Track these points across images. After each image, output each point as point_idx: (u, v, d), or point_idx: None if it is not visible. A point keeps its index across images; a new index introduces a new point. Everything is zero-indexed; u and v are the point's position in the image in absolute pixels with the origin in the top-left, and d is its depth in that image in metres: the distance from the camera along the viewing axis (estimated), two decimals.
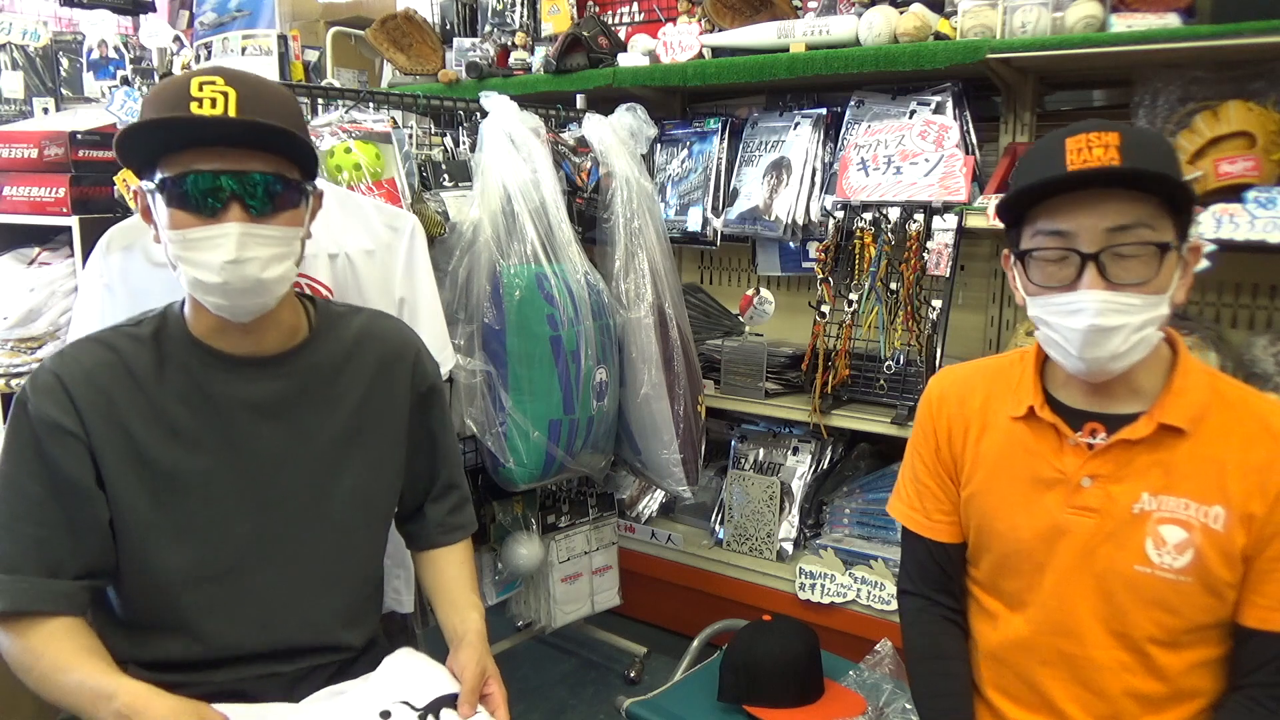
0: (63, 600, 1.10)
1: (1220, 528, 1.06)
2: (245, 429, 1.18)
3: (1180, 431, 1.08)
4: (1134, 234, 1.02)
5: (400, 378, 1.32)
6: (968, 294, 2.47)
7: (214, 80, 1.05)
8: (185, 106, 1.03)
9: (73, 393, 1.10)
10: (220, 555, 1.17)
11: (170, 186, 1.06)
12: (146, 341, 1.16)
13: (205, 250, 1.06)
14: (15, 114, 2.72)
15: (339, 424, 1.25)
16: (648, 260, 2.14)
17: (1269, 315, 2.12)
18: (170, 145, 1.06)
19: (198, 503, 1.16)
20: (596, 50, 2.67)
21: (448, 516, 1.41)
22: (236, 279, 1.07)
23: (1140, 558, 1.09)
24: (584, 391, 2.02)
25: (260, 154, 1.07)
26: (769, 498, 2.54)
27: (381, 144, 1.86)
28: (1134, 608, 1.10)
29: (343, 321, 1.29)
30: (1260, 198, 1.72)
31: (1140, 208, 1.02)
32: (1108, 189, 1.02)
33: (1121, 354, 1.04)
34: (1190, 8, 1.93)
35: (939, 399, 1.28)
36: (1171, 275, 1.04)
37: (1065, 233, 1.04)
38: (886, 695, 1.58)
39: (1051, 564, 1.14)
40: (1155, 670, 1.11)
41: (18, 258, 2.13)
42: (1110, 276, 1.02)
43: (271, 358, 1.20)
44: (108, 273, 1.51)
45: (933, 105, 2.35)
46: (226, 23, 3.19)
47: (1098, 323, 1.02)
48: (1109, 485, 1.11)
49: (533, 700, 2.42)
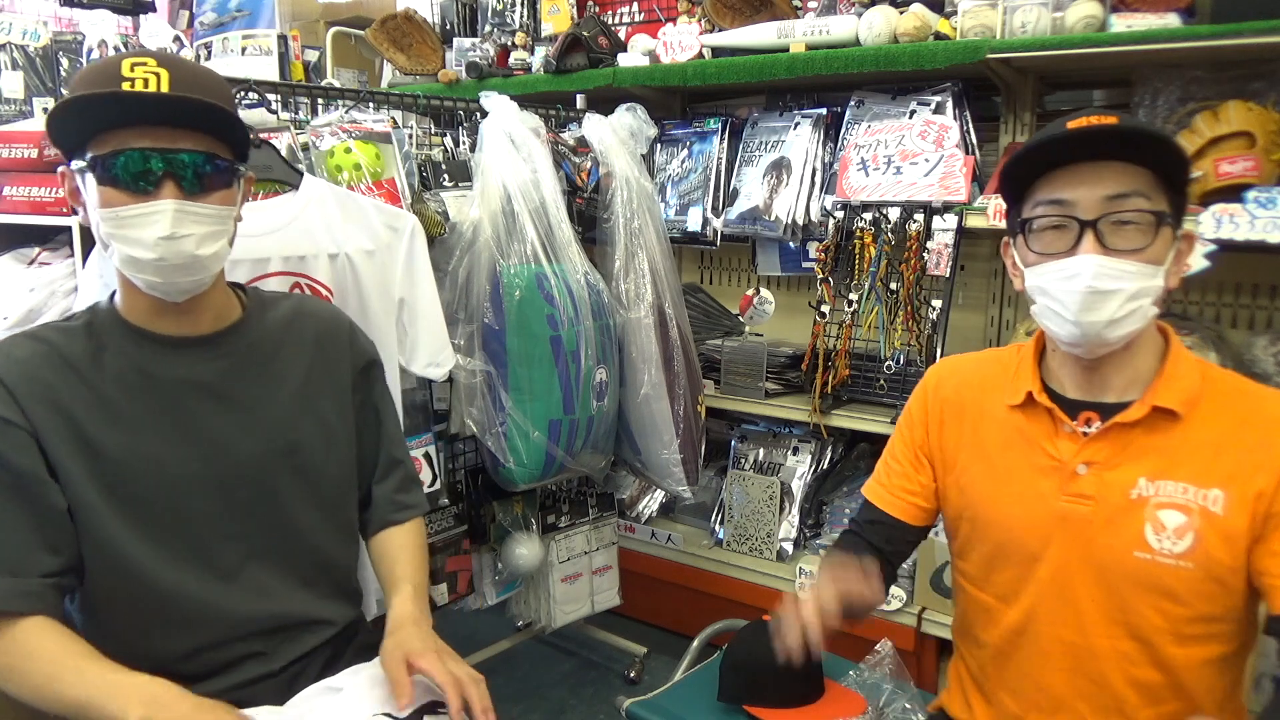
0: (33, 599, 1.07)
1: (1220, 510, 1.05)
2: (191, 409, 1.17)
3: (1174, 415, 1.09)
4: (1131, 202, 1.04)
5: (339, 352, 1.32)
6: (968, 294, 2.47)
7: (145, 61, 1.05)
8: (117, 85, 1.03)
9: (8, 383, 1.08)
10: (181, 539, 1.16)
11: (102, 165, 1.05)
12: (78, 332, 1.14)
13: (139, 227, 1.06)
14: (15, 114, 2.71)
15: (285, 399, 1.25)
16: (648, 260, 2.14)
17: (1269, 315, 2.12)
18: (101, 123, 1.05)
19: (150, 488, 1.14)
20: (596, 50, 2.67)
21: (396, 494, 1.39)
22: (172, 254, 1.06)
23: (1140, 544, 1.08)
24: (584, 391, 2.02)
25: (193, 133, 1.07)
26: (769, 498, 2.54)
27: (381, 144, 1.86)
28: (1134, 595, 1.09)
29: (273, 302, 1.30)
30: (1260, 198, 1.72)
31: (1137, 178, 1.04)
32: (1106, 162, 1.05)
33: (1117, 320, 1.05)
34: (1190, 8, 1.93)
35: (935, 386, 1.30)
36: (1166, 249, 1.06)
37: (1065, 201, 1.06)
38: (886, 695, 1.58)
39: (1048, 553, 1.14)
40: (1159, 662, 1.10)
41: (18, 258, 2.13)
42: (1108, 243, 1.04)
43: (208, 337, 1.19)
44: (107, 272, 1.51)
45: (933, 105, 2.35)
46: (226, 23, 3.19)
47: (1094, 284, 1.04)
48: (1105, 472, 1.11)
49: (533, 700, 2.42)
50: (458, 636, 2.54)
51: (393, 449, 1.40)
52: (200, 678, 1.16)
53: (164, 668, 1.10)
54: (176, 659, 1.16)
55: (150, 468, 1.14)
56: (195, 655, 1.18)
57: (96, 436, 1.11)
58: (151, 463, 1.14)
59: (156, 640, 1.16)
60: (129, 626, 1.16)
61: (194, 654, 1.18)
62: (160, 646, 1.16)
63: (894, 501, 1.31)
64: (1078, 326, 1.06)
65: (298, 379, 1.26)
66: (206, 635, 1.18)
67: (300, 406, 1.26)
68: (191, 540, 1.17)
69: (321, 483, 1.28)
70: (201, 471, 1.17)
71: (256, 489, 1.22)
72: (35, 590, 1.07)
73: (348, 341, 1.34)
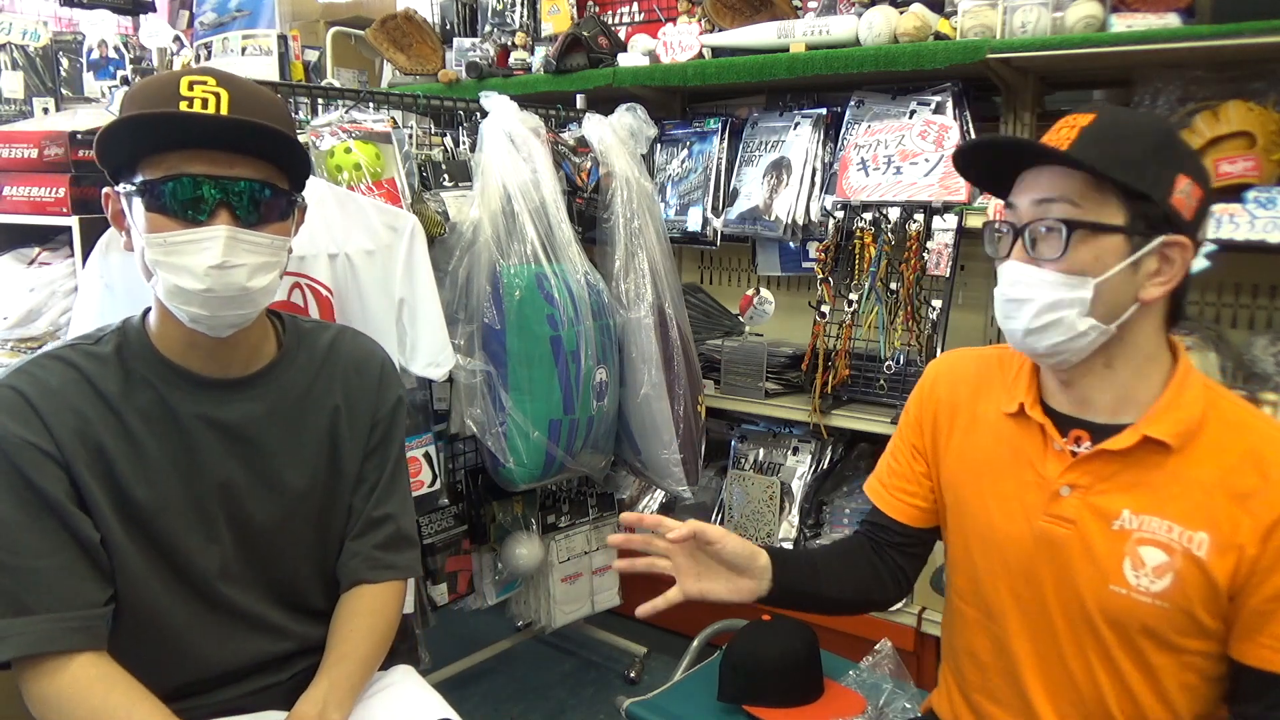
0: (81, 635, 1.02)
1: (1203, 554, 0.99)
2: (211, 451, 1.13)
3: (1166, 447, 1.02)
4: (1054, 208, 1.00)
5: (366, 398, 1.26)
6: (968, 294, 2.47)
7: (205, 80, 1.01)
8: (174, 105, 0.98)
9: (41, 410, 1.03)
10: (193, 581, 1.13)
11: (151, 190, 1.00)
12: (110, 359, 1.09)
13: (189, 254, 1.01)
14: (15, 114, 2.71)
15: (308, 448, 1.21)
16: (648, 260, 2.14)
17: (1269, 315, 2.12)
18: (156, 145, 1.00)
19: (166, 528, 1.11)
20: (596, 50, 2.67)
21: (375, 551, 1.26)
22: (221, 285, 1.02)
23: (1116, 578, 1.03)
24: (584, 391, 2.02)
25: (250, 159, 1.03)
26: (769, 498, 2.54)
27: (381, 144, 1.86)
28: (1106, 627, 1.05)
29: (311, 336, 1.25)
30: (1260, 198, 1.72)
31: (1071, 184, 0.99)
32: (1053, 166, 1.02)
33: (1034, 330, 1.02)
34: (1190, 8, 1.93)
35: (932, 383, 1.27)
36: (1102, 261, 0.99)
37: (1013, 205, 1.06)
38: (886, 695, 1.58)
39: (1027, 570, 1.11)
40: (1129, 690, 1.06)
41: (18, 258, 2.13)
42: (1035, 252, 1.02)
43: (239, 380, 1.15)
44: (107, 273, 1.52)
45: (933, 105, 2.34)
46: (226, 23, 3.19)
47: (1008, 293, 1.04)
48: (1088, 496, 1.06)
49: (533, 700, 2.42)
50: (458, 636, 2.56)
51: (388, 504, 1.28)
52: (206, 691, 1.16)
53: (172, 693, 1.10)
54: (183, 687, 1.15)
55: (168, 507, 1.11)
56: (202, 684, 1.17)
57: (123, 472, 1.07)
58: (169, 502, 1.11)
59: (164, 674, 1.13)
60: (139, 662, 1.11)
61: (200, 683, 1.16)
62: (166, 680, 1.13)
63: (893, 502, 1.28)
64: (1005, 333, 1.07)
65: (322, 426, 1.21)
66: (217, 669, 1.17)
67: (321, 455, 1.22)
68: (202, 583, 1.14)
69: (332, 528, 1.25)
70: (216, 515, 1.15)
71: (271, 536, 1.19)
72: (83, 625, 1.03)
73: (375, 386, 1.27)
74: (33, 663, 1.01)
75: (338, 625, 1.22)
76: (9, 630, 1.00)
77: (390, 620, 1.26)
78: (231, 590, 1.16)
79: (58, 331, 2.09)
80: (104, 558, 1.06)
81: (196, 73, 1.02)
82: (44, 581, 1.02)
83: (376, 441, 1.27)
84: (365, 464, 1.26)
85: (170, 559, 1.12)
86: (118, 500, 1.08)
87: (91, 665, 1.03)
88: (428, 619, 2.06)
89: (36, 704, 1.02)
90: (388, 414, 1.27)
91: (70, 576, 1.03)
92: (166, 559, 1.12)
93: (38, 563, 1.02)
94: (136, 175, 1.02)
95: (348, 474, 1.24)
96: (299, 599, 1.23)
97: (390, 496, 1.28)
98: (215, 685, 1.17)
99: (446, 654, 2.34)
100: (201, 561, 1.13)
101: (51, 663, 1.01)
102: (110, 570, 1.07)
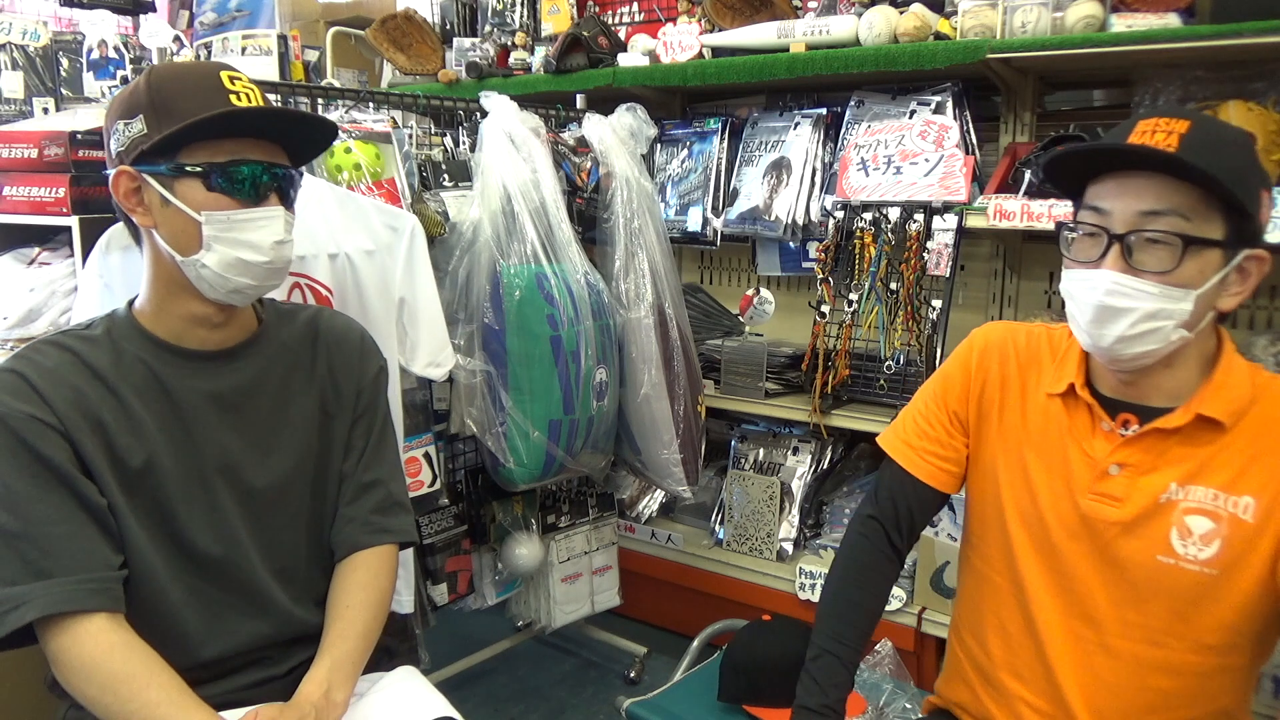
0: (100, 596, 1.06)
1: (1250, 518, 1.03)
2: (205, 423, 1.18)
3: (1219, 425, 1.05)
4: (1164, 221, 0.99)
5: (348, 368, 1.32)
6: (968, 294, 2.47)
7: (239, 76, 1.13)
8: (224, 100, 1.09)
9: (41, 390, 1.08)
10: (191, 553, 1.16)
11: (221, 172, 1.10)
12: (101, 340, 1.15)
13: (252, 230, 1.12)
14: (15, 114, 2.71)
15: (298, 416, 1.25)
16: (648, 260, 2.14)
17: (1269, 315, 2.12)
18: (209, 132, 1.09)
19: (164, 500, 1.14)
20: (596, 50, 2.67)
21: (371, 515, 1.31)
22: (279, 259, 1.15)
23: (1164, 548, 1.06)
24: (584, 391, 2.02)
25: (280, 149, 1.16)
26: (769, 498, 2.54)
27: (381, 144, 1.86)
28: (1154, 600, 1.07)
29: (290, 315, 1.31)
30: None
31: (1180, 197, 0.99)
32: (1154, 175, 1.00)
33: (1127, 338, 1.02)
34: (1190, 8, 1.93)
35: (983, 350, 1.25)
36: (1204, 274, 1.01)
37: (1103, 210, 1.04)
38: (886, 695, 1.58)
39: (1068, 546, 1.12)
40: (1173, 668, 1.08)
41: (18, 258, 2.13)
42: (1134, 260, 1.01)
43: (225, 351, 1.21)
44: (107, 272, 1.52)
45: (933, 105, 2.35)
46: (226, 23, 3.19)
47: (1106, 301, 1.02)
48: (1138, 476, 1.09)
49: (533, 700, 2.42)
50: (458, 636, 2.57)
51: (376, 469, 1.32)
52: (204, 682, 1.16)
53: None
54: (180, 670, 1.14)
55: (165, 480, 1.15)
56: (200, 667, 1.17)
57: (121, 445, 1.12)
58: (166, 475, 1.15)
59: (162, 652, 1.12)
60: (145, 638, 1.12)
61: (197, 666, 1.16)
62: (165, 658, 1.12)
63: (924, 466, 1.26)
64: (1090, 337, 1.06)
65: (311, 395, 1.27)
66: (213, 652, 1.18)
67: (310, 422, 1.27)
68: (202, 555, 1.17)
69: (327, 496, 1.29)
70: (216, 484, 1.18)
71: (268, 507, 1.22)
72: (102, 586, 1.07)
73: (357, 356, 1.33)
74: (55, 624, 1.05)
75: (335, 599, 1.26)
76: (31, 594, 1.03)
77: (385, 589, 1.30)
78: (230, 564, 1.19)
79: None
80: (113, 523, 1.10)
81: (229, 68, 1.13)
82: (60, 547, 1.06)
83: (362, 409, 1.32)
84: (352, 431, 1.32)
85: (170, 529, 1.15)
86: (118, 470, 1.12)
87: (112, 630, 1.07)
88: (428, 619, 2.06)
89: (60, 666, 1.06)
90: (370, 382, 1.34)
91: (85, 540, 1.07)
92: (167, 530, 1.15)
93: (52, 529, 1.06)
94: (176, 157, 1.09)
95: (337, 440, 1.30)
96: (297, 577, 1.25)
97: (378, 462, 1.33)
98: (212, 676, 1.18)
99: (446, 654, 2.34)
100: (202, 533, 1.17)
101: (73, 624, 1.05)
102: (120, 537, 1.11)
